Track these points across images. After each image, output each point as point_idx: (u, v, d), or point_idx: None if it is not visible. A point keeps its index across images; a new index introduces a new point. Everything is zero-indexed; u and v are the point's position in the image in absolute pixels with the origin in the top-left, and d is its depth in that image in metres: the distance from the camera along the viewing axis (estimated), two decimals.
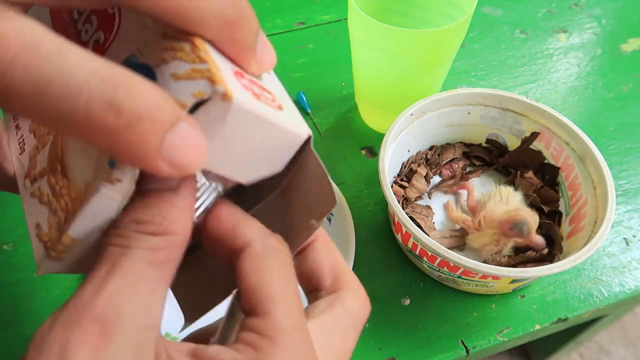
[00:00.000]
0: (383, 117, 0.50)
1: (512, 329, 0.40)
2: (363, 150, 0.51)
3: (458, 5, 0.44)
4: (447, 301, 0.41)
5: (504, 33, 0.64)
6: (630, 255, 0.44)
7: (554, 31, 0.64)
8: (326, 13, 0.66)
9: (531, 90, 0.57)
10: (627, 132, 0.53)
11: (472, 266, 0.34)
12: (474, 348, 0.39)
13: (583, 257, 0.34)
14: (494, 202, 0.40)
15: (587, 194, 0.40)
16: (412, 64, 0.42)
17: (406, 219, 0.36)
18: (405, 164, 0.46)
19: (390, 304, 0.41)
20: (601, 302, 0.41)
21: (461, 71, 0.59)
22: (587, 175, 0.40)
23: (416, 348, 0.39)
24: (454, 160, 0.48)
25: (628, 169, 0.50)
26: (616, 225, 0.46)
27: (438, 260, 0.38)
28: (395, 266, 0.43)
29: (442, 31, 0.39)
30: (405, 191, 0.45)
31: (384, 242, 0.45)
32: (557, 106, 0.55)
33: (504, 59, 0.61)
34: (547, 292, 0.42)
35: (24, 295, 0.42)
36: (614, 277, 0.43)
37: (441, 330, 0.40)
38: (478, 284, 0.39)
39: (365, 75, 0.47)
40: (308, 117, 0.54)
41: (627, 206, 0.47)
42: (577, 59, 0.61)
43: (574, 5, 0.67)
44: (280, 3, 0.67)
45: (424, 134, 0.46)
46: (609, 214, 0.36)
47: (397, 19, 0.48)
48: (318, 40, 0.63)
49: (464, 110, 0.45)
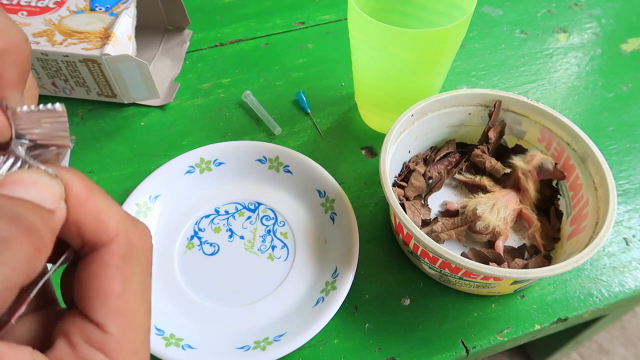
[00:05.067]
0: (383, 117, 0.50)
1: (512, 329, 0.40)
2: (363, 150, 0.51)
3: (458, 5, 0.44)
4: (447, 301, 0.41)
5: (504, 33, 0.64)
6: (630, 255, 0.44)
7: (553, 31, 0.64)
8: (326, 13, 0.66)
9: (531, 90, 0.57)
10: (627, 132, 0.53)
11: (474, 267, 0.34)
12: (474, 348, 0.39)
13: (585, 258, 0.34)
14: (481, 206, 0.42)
15: (588, 194, 0.40)
16: (412, 64, 0.42)
17: (408, 220, 0.36)
18: (406, 164, 0.46)
19: (390, 304, 0.41)
20: (601, 302, 0.41)
21: (461, 71, 0.59)
22: (588, 175, 0.40)
23: (416, 348, 0.39)
24: (449, 154, 0.48)
25: (628, 168, 0.50)
26: (616, 225, 0.46)
27: (439, 262, 0.38)
28: (395, 266, 0.43)
29: (442, 31, 0.39)
30: (405, 191, 0.45)
31: (384, 242, 0.45)
32: (557, 106, 0.55)
33: (503, 59, 0.61)
34: (547, 292, 0.42)
35: None
36: (614, 277, 0.43)
37: (441, 330, 0.40)
38: (480, 285, 0.39)
39: (365, 75, 0.47)
40: (308, 117, 0.54)
41: (627, 206, 0.47)
42: (577, 58, 0.61)
43: (574, 5, 0.67)
44: (280, 3, 0.67)
45: (424, 135, 0.46)
46: (610, 214, 0.36)
47: (397, 19, 0.48)
48: (318, 40, 0.63)
49: (465, 111, 0.45)
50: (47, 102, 0.18)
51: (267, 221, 0.46)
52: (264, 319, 0.40)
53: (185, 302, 0.41)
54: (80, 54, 0.48)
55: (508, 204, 0.42)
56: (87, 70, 0.50)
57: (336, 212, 0.44)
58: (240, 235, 0.45)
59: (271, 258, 0.43)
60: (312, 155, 0.49)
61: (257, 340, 0.38)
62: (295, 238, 0.44)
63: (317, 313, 0.38)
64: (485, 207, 0.42)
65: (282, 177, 0.47)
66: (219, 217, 0.46)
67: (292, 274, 0.42)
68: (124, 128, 0.53)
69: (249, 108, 0.55)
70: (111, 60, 0.49)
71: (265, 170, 0.48)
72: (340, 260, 0.41)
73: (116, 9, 0.52)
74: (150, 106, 0.55)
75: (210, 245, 0.44)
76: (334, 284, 0.40)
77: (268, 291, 0.42)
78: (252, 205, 0.46)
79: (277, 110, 0.55)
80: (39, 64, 0.50)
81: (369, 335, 0.40)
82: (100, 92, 0.53)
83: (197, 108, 0.55)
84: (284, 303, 0.41)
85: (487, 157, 0.45)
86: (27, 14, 0.51)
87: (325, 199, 0.45)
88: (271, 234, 0.45)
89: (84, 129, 0.53)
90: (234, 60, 0.60)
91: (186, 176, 0.47)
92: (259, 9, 0.67)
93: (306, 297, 0.41)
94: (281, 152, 0.48)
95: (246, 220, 0.46)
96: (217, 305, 0.41)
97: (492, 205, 0.42)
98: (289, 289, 0.42)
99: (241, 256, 0.44)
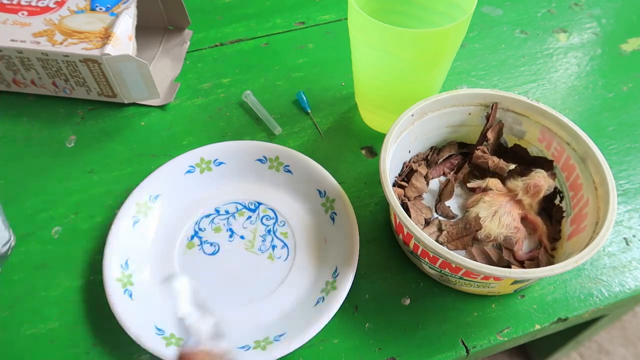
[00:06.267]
0: (383, 117, 0.50)
1: (512, 328, 0.40)
2: (363, 150, 0.51)
3: (458, 5, 0.44)
4: (447, 301, 0.41)
5: (504, 33, 0.64)
6: (630, 255, 0.44)
7: (554, 31, 0.64)
8: (326, 13, 0.66)
9: (531, 90, 0.57)
10: (627, 132, 0.53)
11: (474, 267, 0.34)
12: (474, 348, 0.39)
13: (585, 257, 0.34)
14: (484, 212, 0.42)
15: (588, 194, 0.40)
16: (412, 64, 0.42)
17: (408, 220, 0.36)
18: (406, 164, 0.46)
19: (390, 304, 0.41)
20: (601, 302, 0.41)
21: (461, 71, 0.59)
22: (588, 175, 0.40)
23: (416, 348, 0.39)
24: (451, 156, 0.48)
25: (628, 168, 0.50)
26: (616, 225, 0.46)
27: (439, 261, 0.38)
28: (395, 266, 0.43)
29: (442, 31, 0.39)
30: (405, 191, 0.45)
31: (384, 242, 0.45)
32: (557, 106, 0.55)
33: (504, 59, 0.61)
34: (547, 292, 0.42)
35: (24, 295, 0.42)
36: (614, 277, 0.43)
37: (441, 330, 0.40)
38: (480, 284, 0.39)
39: (365, 75, 0.47)
40: (308, 117, 0.54)
41: (627, 206, 0.47)
42: (577, 58, 0.61)
43: (574, 5, 0.67)
44: (280, 3, 0.67)
45: (424, 135, 0.46)
46: (611, 214, 0.36)
47: (397, 19, 0.48)
48: (318, 40, 0.63)
49: (465, 111, 0.45)
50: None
51: (267, 221, 0.46)
52: (264, 319, 0.40)
53: None
54: (80, 53, 0.48)
55: (512, 210, 0.42)
56: (88, 70, 0.50)
57: (336, 212, 0.44)
58: (240, 235, 0.45)
59: (271, 258, 0.43)
60: (312, 155, 0.49)
61: (258, 340, 0.38)
62: (295, 238, 0.44)
63: (317, 313, 0.38)
64: (486, 214, 0.42)
65: (282, 177, 0.47)
66: (219, 217, 0.46)
67: (292, 273, 0.42)
68: (124, 128, 0.53)
69: (249, 108, 0.55)
70: (111, 60, 0.49)
71: (265, 170, 0.48)
72: (341, 260, 0.41)
73: (116, 9, 0.52)
74: (151, 106, 0.55)
75: (210, 245, 0.44)
76: (334, 283, 0.40)
77: (268, 291, 0.42)
78: (252, 205, 0.46)
79: (277, 110, 0.55)
80: (39, 64, 0.50)
81: (369, 335, 0.40)
82: (100, 92, 0.53)
83: (197, 108, 0.55)
84: (284, 303, 0.41)
85: (489, 157, 0.45)
86: (27, 13, 0.51)
87: (325, 198, 0.45)
88: (271, 234, 0.45)
89: (84, 129, 0.53)
90: (234, 60, 0.60)
91: (186, 176, 0.47)
92: (259, 9, 0.67)
93: (306, 296, 0.41)
94: (281, 152, 0.48)
95: (246, 220, 0.46)
96: (218, 305, 0.41)
97: (493, 212, 0.42)
98: (289, 288, 0.42)
99: (241, 256, 0.44)
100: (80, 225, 0.46)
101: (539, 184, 0.41)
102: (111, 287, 0.39)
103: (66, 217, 0.46)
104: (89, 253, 0.44)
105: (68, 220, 0.46)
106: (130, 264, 0.42)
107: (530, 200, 0.42)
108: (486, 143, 0.46)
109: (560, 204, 0.43)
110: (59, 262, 0.44)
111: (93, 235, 0.45)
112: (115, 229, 0.43)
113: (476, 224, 0.42)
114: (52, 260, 0.44)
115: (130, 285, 0.40)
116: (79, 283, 0.42)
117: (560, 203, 0.43)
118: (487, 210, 0.42)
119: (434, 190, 0.47)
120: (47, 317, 0.41)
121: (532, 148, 0.45)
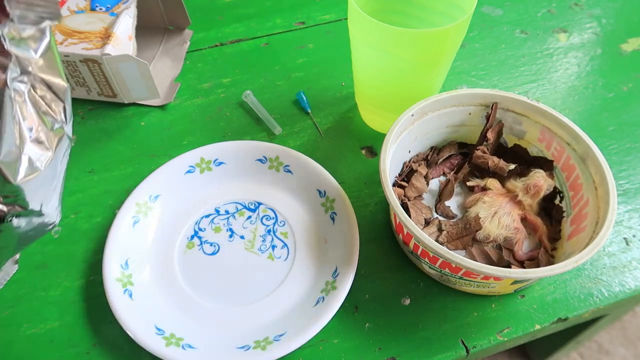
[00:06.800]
0: (383, 117, 0.50)
1: (512, 328, 0.40)
2: (363, 150, 0.51)
3: (458, 5, 0.44)
4: (447, 301, 0.41)
5: (504, 33, 0.64)
6: (630, 255, 0.44)
7: (554, 31, 0.64)
8: (326, 13, 0.66)
9: (531, 90, 0.57)
10: (627, 132, 0.53)
11: (474, 267, 0.34)
12: (474, 348, 0.39)
13: (585, 257, 0.34)
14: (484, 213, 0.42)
15: (588, 194, 0.40)
16: (412, 64, 0.42)
17: (408, 220, 0.36)
18: (406, 164, 0.46)
19: (390, 304, 0.41)
20: (601, 302, 0.41)
21: (461, 71, 0.59)
22: (588, 175, 0.40)
23: (416, 348, 0.39)
24: (451, 156, 0.48)
25: (628, 168, 0.50)
26: (616, 225, 0.46)
27: (440, 261, 0.38)
28: (395, 266, 0.43)
29: (442, 31, 0.39)
30: (405, 191, 0.45)
31: (384, 242, 0.45)
32: (557, 106, 0.55)
33: (504, 59, 0.61)
34: (547, 292, 0.42)
35: (24, 295, 0.42)
36: (614, 277, 0.43)
37: (441, 330, 0.40)
38: (480, 284, 0.39)
39: (365, 75, 0.47)
40: (308, 117, 0.54)
41: (627, 206, 0.47)
42: (577, 58, 0.61)
43: (574, 5, 0.67)
44: (280, 3, 0.67)
45: (424, 135, 0.46)
46: (611, 214, 0.36)
47: (397, 19, 0.48)
48: (318, 40, 0.63)
49: (465, 111, 0.45)
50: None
51: (267, 221, 0.46)
52: (264, 319, 0.40)
53: (186, 301, 0.41)
54: (80, 53, 0.48)
55: (512, 210, 0.42)
56: (88, 70, 0.50)
57: (336, 211, 0.44)
58: (240, 235, 0.45)
59: (271, 258, 0.43)
60: (312, 155, 0.49)
61: (258, 339, 0.38)
62: (295, 238, 0.44)
63: (317, 313, 0.38)
64: (486, 214, 0.42)
65: (282, 177, 0.47)
66: (219, 217, 0.46)
67: (292, 273, 0.42)
68: (124, 128, 0.53)
69: (249, 108, 0.55)
70: (111, 60, 0.49)
71: (265, 170, 0.48)
72: (341, 260, 0.41)
73: (116, 9, 0.52)
74: (151, 106, 0.55)
75: (210, 245, 0.44)
76: (334, 283, 0.40)
77: (268, 291, 0.42)
78: (252, 205, 0.46)
79: (277, 110, 0.55)
80: None
81: (369, 335, 0.40)
82: (100, 92, 0.53)
83: (197, 108, 0.55)
84: (284, 303, 0.41)
85: (489, 157, 0.45)
86: None
87: (325, 198, 0.45)
88: (271, 234, 0.45)
89: (84, 129, 0.53)
90: (234, 60, 0.60)
91: (186, 176, 0.47)
92: (259, 8, 0.67)
93: (306, 296, 0.41)
94: (281, 152, 0.48)
95: (246, 220, 0.46)
96: (218, 305, 0.41)
97: (493, 213, 0.42)
98: (289, 288, 0.42)
99: (241, 256, 0.44)
100: (80, 225, 0.46)
101: (538, 184, 0.41)
102: (111, 287, 0.39)
103: (66, 217, 0.46)
104: (89, 253, 0.44)
105: (68, 220, 0.46)
106: (130, 264, 0.42)
107: (530, 201, 0.42)
108: (486, 143, 0.46)
109: (560, 204, 0.43)
110: (59, 262, 0.44)
111: (93, 235, 0.45)
112: (115, 229, 0.43)
113: (476, 224, 0.42)
114: (52, 260, 0.44)
115: (130, 285, 0.40)
116: (79, 283, 0.42)
117: (560, 203, 0.43)
118: (487, 211, 0.42)
119: (434, 190, 0.47)
120: (47, 317, 0.41)
121: (532, 148, 0.45)
